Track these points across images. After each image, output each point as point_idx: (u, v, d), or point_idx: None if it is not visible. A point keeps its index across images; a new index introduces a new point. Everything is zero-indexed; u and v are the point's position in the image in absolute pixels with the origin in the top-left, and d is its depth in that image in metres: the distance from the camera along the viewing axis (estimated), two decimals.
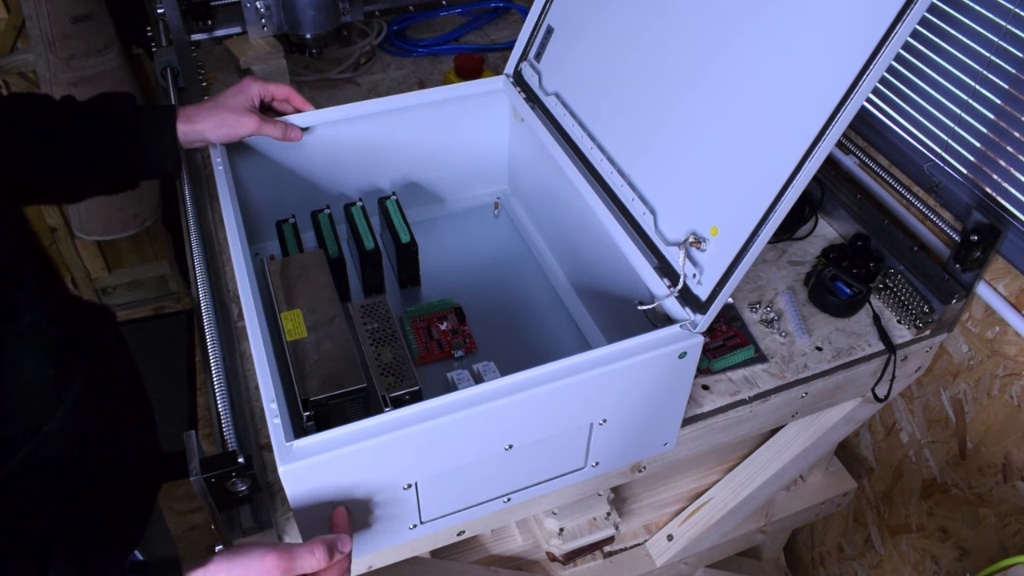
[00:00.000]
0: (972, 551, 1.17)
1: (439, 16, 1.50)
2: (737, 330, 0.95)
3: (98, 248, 2.09)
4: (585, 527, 1.13)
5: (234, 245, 0.81)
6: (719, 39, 0.76)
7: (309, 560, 0.63)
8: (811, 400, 0.97)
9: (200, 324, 0.86)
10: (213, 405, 0.79)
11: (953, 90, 0.99)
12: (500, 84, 1.05)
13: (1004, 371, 1.02)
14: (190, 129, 0.88)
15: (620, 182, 0.85)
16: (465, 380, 0.85)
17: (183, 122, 0.88)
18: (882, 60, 0.62)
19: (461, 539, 0.89)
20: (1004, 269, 0.97)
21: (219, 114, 0.90)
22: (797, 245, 1.09)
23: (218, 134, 0.90)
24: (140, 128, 0.85)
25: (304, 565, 0.63)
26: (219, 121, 0.89)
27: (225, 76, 1.33)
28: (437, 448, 0.70)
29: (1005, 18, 0.90)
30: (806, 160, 0.67)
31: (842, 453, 1.36)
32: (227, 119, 0.90)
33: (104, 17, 1.65)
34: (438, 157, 1.09)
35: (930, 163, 1.03)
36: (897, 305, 0.99)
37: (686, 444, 0.92)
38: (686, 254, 0.76)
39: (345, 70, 1.35)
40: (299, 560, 0.63)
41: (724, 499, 1.23)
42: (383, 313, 0.87)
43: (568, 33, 0.96)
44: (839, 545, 1.48)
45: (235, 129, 0.90)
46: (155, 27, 1.31)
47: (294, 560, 0.63)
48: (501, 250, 1.09)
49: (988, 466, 1.09)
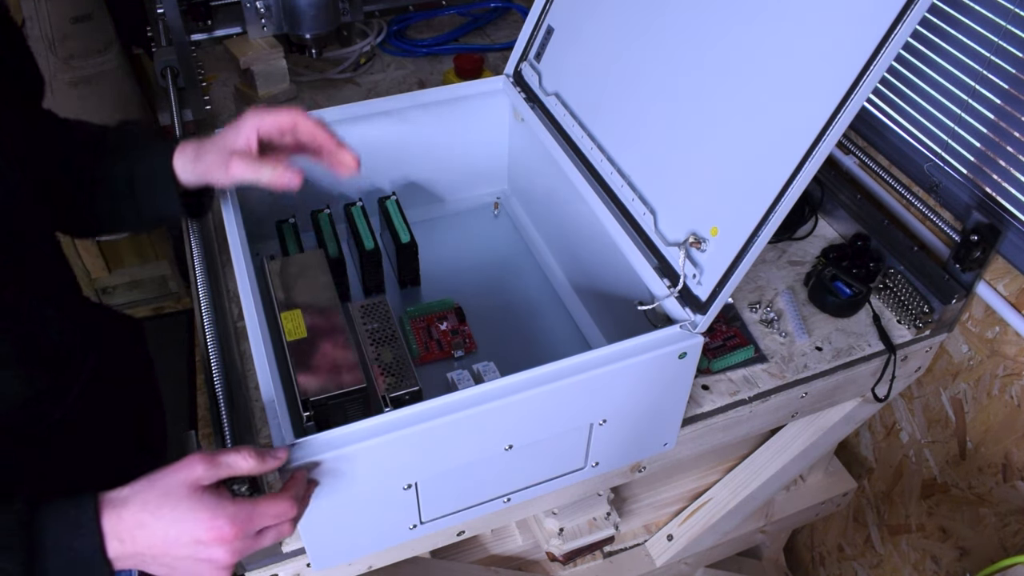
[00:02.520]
0: (972, 551, 1.17)
1: (439, 16, 1.50)
2: (737, 330, 0.95)
3: (98, 248, 2.09)
4: (585, 527, 1.13)
5: (234, 245, 0.81)
6: (719, 40, 0.76)
7: (236, 460, 0.58)
8: (811, 400, 0.97)
9: (200, 324, 0.86)
10: (213, 405, 0.79)
11: (953, 90, 0.99)
12: (500, 84, 1.05)
13: (1004, 371, 1.02)
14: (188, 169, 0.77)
15: (620, 182, 0.85)
16: (465, 380, 0.85)
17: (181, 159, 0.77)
18: (882, 60, 0.62)
19: (461, 539, 0.89)
20: (1004, 269, 0.97)
21: (206, 157, 0.76)
22: (797, 245, 1.09)
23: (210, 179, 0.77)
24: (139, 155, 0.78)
25: (231, 463, 0.58)
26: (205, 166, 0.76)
27: (225, 76, 1.34)
28: (437, 448, 0.70)
29: (1005, 18, 0.90)
30: (806, 160, 0.67)
31: (842, 453, 1.36)
32: (211, 164, 0.75)
33: (104, 17, 1.65)
34: (438, 157, 1.09)
35: (930, 163, 1.03)
36: (897, 305, 0.99)
37: (686, 444, 0.92)
38: (686, 254, 0.76)
39: (345, 70, 1.35)
40: (224, 458, 0.58)
41: (724, 499, 1.23)
42: (383, 313, 0.87)
43: (568, 33, 0.96)
44: (839, 545, 1.48)
45: (214, 177, 0.76)
46: (155, 27, 1.31)
47: (219, 462, 0.57)
48: (501, 250, 1.09)
49: (988, 466, 1.09)
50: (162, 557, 0.57)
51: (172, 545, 0.56)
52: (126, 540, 0.56)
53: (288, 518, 0.60)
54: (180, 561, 0.57)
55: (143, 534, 0.56)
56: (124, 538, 0.56)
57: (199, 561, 0.57)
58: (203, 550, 0.56)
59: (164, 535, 0.56)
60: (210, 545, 0.56)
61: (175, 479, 0.57)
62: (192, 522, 0.56)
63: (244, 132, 0.75)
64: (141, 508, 0.56)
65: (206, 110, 1.23)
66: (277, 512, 0.59)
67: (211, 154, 0.75)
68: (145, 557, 0.57)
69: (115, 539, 0.56)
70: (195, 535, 0.56)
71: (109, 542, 0.56)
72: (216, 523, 0.56)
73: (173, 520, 0.56)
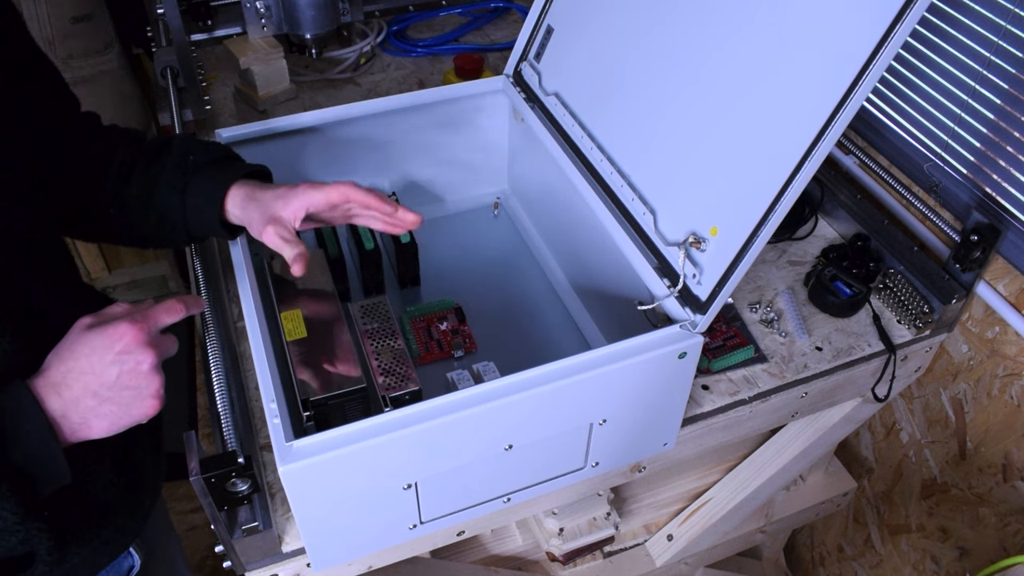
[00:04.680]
0: (972, 551, 1.17)
1: (439, 16, 1.50)
2: (737, 330, 0.95)
3: (98, 248, 2.09)
4: (585, 527, 1.13)
5: (234, 245, 0.81)
6: (719, 39, 0.76)
7: (164, 317, 0.63)
8: (811, 400, 0.97)
9: (200, 324, 0.86)
10: (213, 405, 0.79)
11: (953, 90, 0.99)
12: (500, 84, 1.05)
13: (1004, 371, 1.02)
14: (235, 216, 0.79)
15: (620, 182, 0.85)
16: (465, 380, 0.85)
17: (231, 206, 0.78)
18: (882, 60, 0.62)
19: (461, 539, 0.89)
20: (1004, 269, 0.97)
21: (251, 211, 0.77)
22: (797, 245, 1.09)
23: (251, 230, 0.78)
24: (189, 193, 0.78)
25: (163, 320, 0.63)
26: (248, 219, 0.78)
27: (225, 76, 1.34)
28: (437, 448, 0.70)
29: (1005, 18, 0.90)
30: (806, 160, 0.67)
31: (842, 453, 1.36)
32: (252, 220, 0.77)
33: (104, 17, 1.65)
34: (438, 157, 1.09)
35: (930, 163, 1.03)
36: (897, 305, 0.99)
37: (686, 444, 0.92)
38: (686, 254, 0.76)
39: (345, 70, 1.35)
40: (153, 317, 0.62)
41: (724, 499, 1.23)
42: (383, 313, 0.87)
43: (568, 33, 0.96)
44: (839, 545, 1.48)
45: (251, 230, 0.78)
46: (155, 27, 1.31)
47: (148, 320, 0.62)
48: (501, 250, 1.09)
49: (988, 466, 1.09)
50: (101, 390, 0.60)
51: (99, 372, 0.59)
52: (61, 387, 0.59)
53: (177, 315, 0.64)
54: (116, 385, 0.60)
55: (73, 376, 0.59)
56: (59, 387, 0.59)
57: (131, 373, 0.60)
58: (128, 358, 0.60)
59: (89, 366, 0.59)
60: (128, 351, 0.60)
61: (72, 332, 0.61)
62: (103, 342, 0.60)
63: (292, 207, 0.77)
64: (61, 361, 0.60)
65: (206, 110, 1.23)
66: (168, 306, 0.63)
67: (256, 212, 0.77)
68: (87, 400, 0.60)
69: (54, 394, 0.59)
70: (112, 348, 0.60)
71: (49, 400, 0.59)
72: (120, 330, 0.60)
73: (90, 351, 0.60)
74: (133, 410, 0.61)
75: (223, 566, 0.76)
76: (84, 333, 0.61)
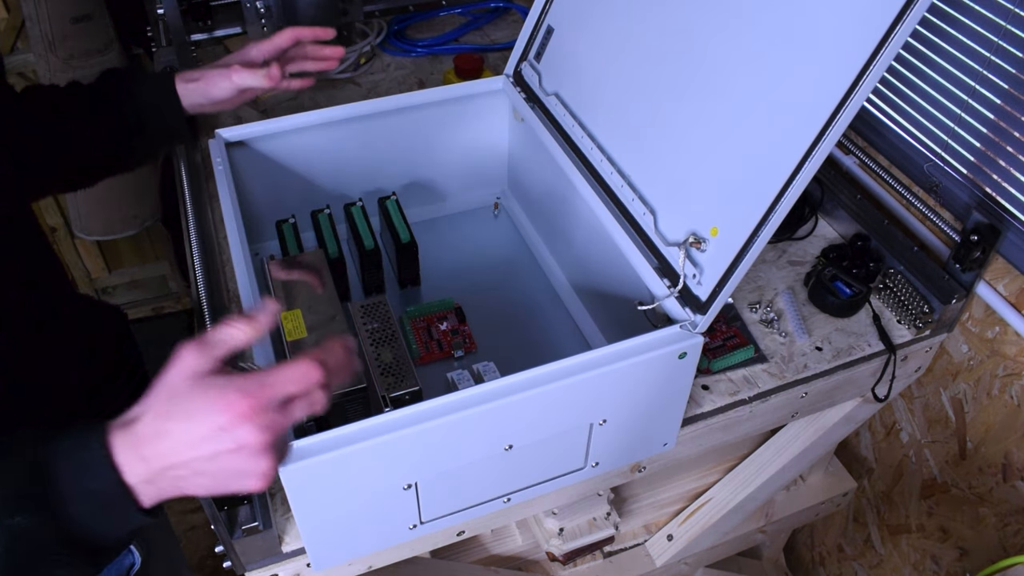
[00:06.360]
0: (972, 551, 1.17)
1: (439, 16, 1.50)
2: (737, 330, 0.95)
3: (98, 248, 2.09)
4: (585, 527, 1.13)
5: (234, 245, 0.81)
6: (720, 39, 0.76)
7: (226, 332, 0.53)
8: (811, 400, 0.97)
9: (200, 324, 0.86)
10: None
11: (953, 90, 0.99)
12: (500, 84, 1.05)
13: (1004, 371, 1.02)
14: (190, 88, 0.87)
15: (620, 182, 0.85)
16: (465, 380, 0.85)
17: (182, 81, 0.88)
18: (882, 60, 0.62)
19: (461, 539, 0.88)
20: (1004, 269, 0.97)
21: (210, 71, 0.87)
22: (797, 245, 1.09)
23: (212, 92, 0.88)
24: (140, 88, 0.86)
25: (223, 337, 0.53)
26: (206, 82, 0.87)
27: None
28: (437, 448, 0.70)
29: (1005, 18, 0.90)
30: (806, 160, 0.67)
31: (842, 453, 1.36)
32: (212, 77, 0.87)
33: (104, 17, 1.65)
34: (438, 157, 1.09)
35: (930, 163, 1.03)
36: (897, 305, 0.99)
37: (686, 444, 0.92)
38: (686, 254, 0.76)
39: (345, 70, 1.35)
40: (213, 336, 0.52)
41: (724, 499, 1.23)
42: (383, 313, 0.87)
43: (568, 33, 0.96)
44: (839, 545, 1.48)
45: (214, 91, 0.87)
46: (155, 27, 1.31)
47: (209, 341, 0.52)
48: (501, 250, 1.09)
49: (988, 466, 1.09)
50: (193, 463, 0.50)
51: (196, 444, 0.50)
52: (149, 456, 0.50)
53: (313, 382, 0.53)
54: (213, 462, 0.51)
55: (164, 444, 0.50)
56: (146, 454, 0.50)
57: (230, 453, 0.50)
58: (227, 437, 0.50)
59: (184, 436, 0.50)
60: (231, 427, 0.50)
61: (174, 378, 0.52)
62: (204, 411, 0.50)
63: (243, 52, 0.87)
64: (153, 418, 0.51)
65: None
66: (297, 376, 0.52)
67: (211, 70, 0.84)
68: (177, 471, 0.51)
69: (137, 460, 0.50)
70: (213, 423, 0.50)
71: (132, 467, 0.50)
72: (227, 399, 0.50)
73: (186, 416, 0.50)
74: (232, 486, 0.53)
75: (223, 566, 0.76)
76: (188, 385, 0.51)
